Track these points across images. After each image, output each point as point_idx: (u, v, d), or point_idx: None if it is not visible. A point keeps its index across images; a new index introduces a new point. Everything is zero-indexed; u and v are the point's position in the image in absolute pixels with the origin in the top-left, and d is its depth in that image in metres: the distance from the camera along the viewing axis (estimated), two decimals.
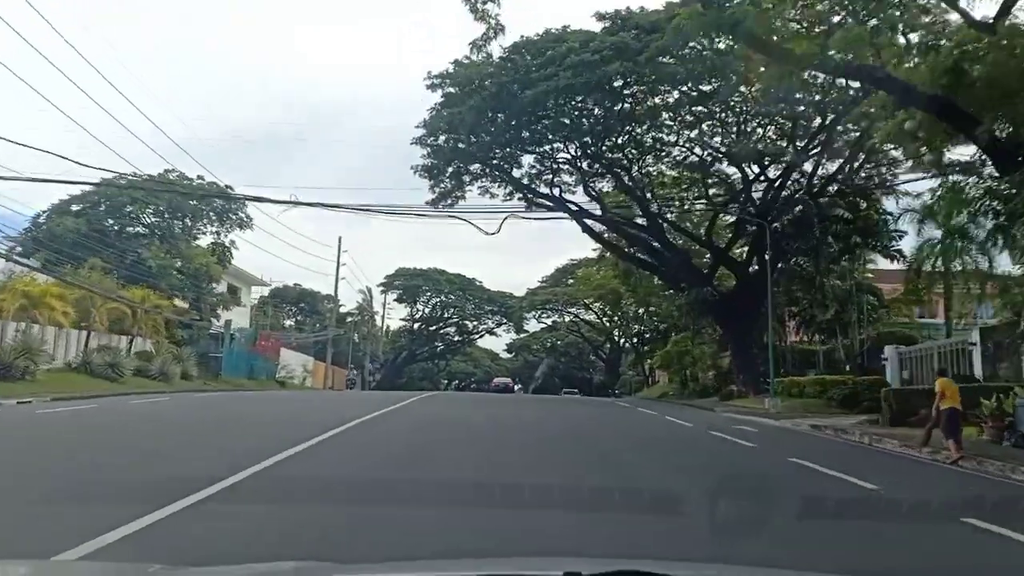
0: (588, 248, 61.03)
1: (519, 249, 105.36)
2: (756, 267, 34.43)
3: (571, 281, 74.91)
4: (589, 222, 38.61)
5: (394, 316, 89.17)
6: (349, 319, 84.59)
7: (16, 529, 5.56)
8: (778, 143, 29.44)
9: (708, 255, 39.59)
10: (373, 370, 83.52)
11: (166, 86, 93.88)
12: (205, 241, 49.77)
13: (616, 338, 75.71)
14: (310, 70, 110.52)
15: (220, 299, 49.21)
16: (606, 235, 39.16)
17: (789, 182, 31.67)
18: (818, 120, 31.05)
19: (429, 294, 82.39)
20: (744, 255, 36.74)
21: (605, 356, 78.83)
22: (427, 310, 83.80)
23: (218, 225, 50.45)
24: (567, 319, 78.98)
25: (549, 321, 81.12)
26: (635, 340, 61.81)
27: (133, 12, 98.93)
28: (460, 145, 37.53)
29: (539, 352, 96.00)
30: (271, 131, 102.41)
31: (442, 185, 38.54)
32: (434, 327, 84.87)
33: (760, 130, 32.00)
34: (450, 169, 38.75)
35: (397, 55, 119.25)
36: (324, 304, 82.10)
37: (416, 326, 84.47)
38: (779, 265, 31.11)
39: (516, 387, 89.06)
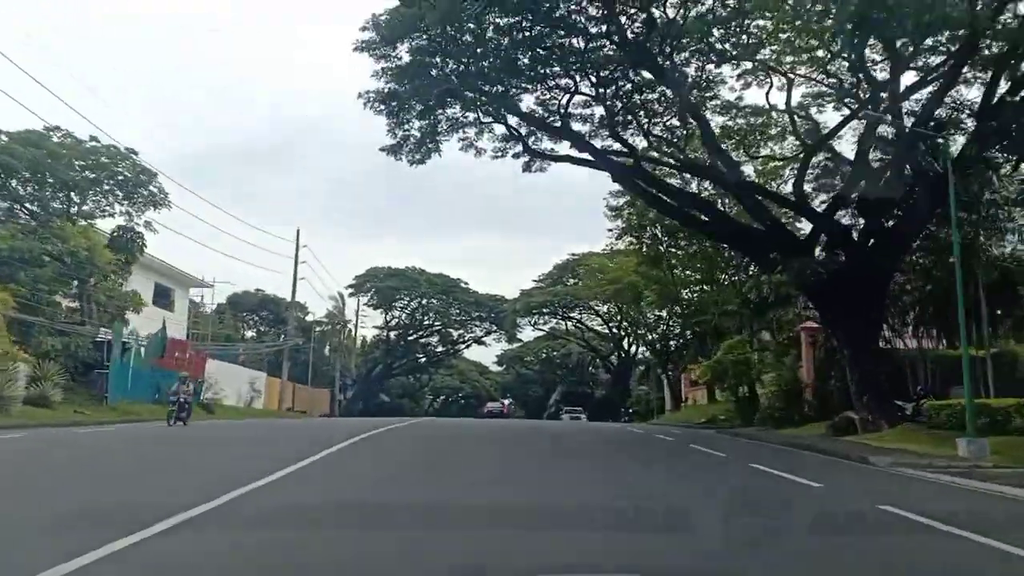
0: (596, 241, 50.11)
1: (509, 250, 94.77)
2: (874, 240, 22.94)
3: (573, 281, 63.42)
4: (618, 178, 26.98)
5: (368, 324, 77.70)
6: (318, 329, 73.51)
7: None
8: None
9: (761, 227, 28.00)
10: (344, 386, 71.87)
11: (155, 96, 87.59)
12: (111, 224, 38.24)
13: (627, 347, 64.17)
14: (301, 80, 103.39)
15: (127, 299, 37.28)
16: (651, 191, 27.43)
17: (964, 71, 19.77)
18: None
19: (407, 298, 70.50)
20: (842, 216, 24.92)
21: (612, 368, 67.18)
22: (405, 316, 71.92)
23: (127, 204, 38.72)
24: (568, 325, 67.21)
25: (546, 328, 69.39)
26: (656, 348, 49.86)
27: (127, 20, 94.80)
28: (432, 72, 26.09)
29: (533, 364, 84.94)
30: (259, 140, 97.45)
31: (405, 128, 27.05)
32: (413, 336, 73.00)
33: None
34: (419, 107, 27.22)
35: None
36: (291, 312, 71.29)
37: (391, 335, 72.55)
38: (920, 230, 19.73)
39: (506, 401, 79.75)
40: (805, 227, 29.25)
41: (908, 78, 23.97)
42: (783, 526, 7.83)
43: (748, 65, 28.20)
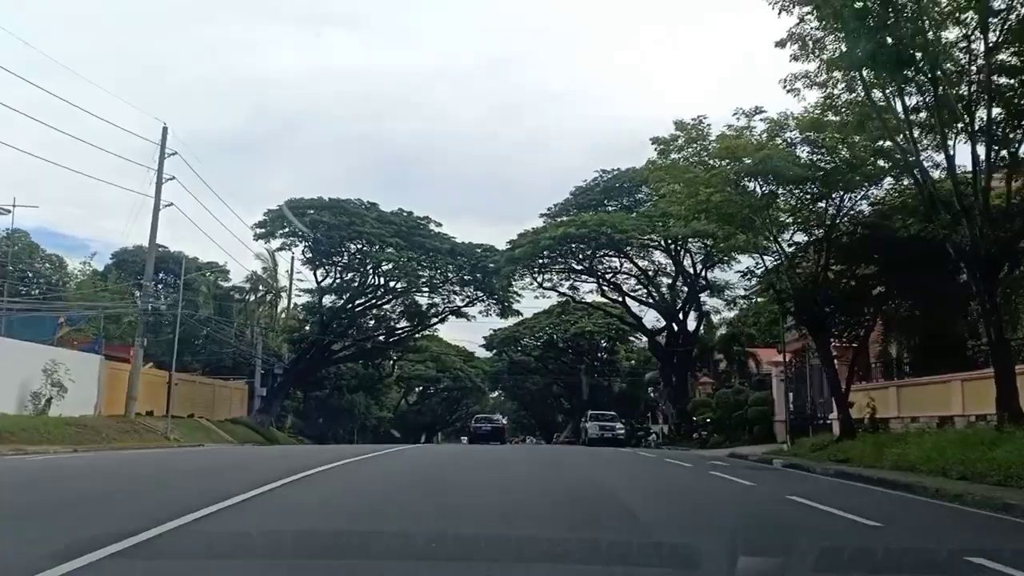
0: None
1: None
2: None
3: (592, 215, 40.37)
4: None
5: (304, 294, 54.26)
6: (239, 299, 50.79)
7: None
8: None
9: None
10: (271, 376, 48.71)
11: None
12: None
13: (684, 316, 41.01)
14: (285, 76, 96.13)
15: None
16: None
17: None
18: None
19: (350, 247, 46.75)
20: None
21: (660, 351, 43.38)
22: (347, 275, 48.11)
23: None
24: (601, 284, 43.28)
25: (557, 291, 45.66)
26: (803, 302, 23.92)
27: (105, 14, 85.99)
28: None
29: (532, 349, 62.87)
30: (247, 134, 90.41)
31: None
32: (360, 306, 49.28)
33: None
34: None
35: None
36: (205, 275, 49.17)
37: (328, 302, 48.72)
38: None
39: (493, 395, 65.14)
40: None
41: None
42: None
43: None
